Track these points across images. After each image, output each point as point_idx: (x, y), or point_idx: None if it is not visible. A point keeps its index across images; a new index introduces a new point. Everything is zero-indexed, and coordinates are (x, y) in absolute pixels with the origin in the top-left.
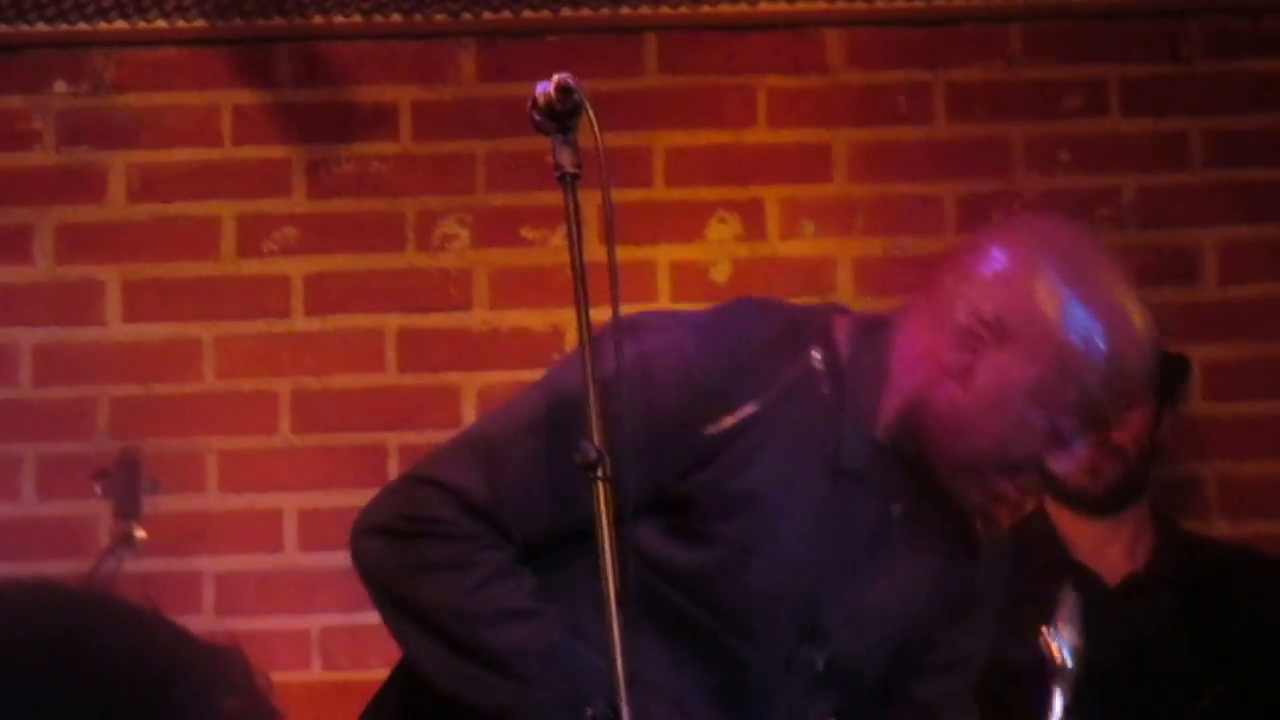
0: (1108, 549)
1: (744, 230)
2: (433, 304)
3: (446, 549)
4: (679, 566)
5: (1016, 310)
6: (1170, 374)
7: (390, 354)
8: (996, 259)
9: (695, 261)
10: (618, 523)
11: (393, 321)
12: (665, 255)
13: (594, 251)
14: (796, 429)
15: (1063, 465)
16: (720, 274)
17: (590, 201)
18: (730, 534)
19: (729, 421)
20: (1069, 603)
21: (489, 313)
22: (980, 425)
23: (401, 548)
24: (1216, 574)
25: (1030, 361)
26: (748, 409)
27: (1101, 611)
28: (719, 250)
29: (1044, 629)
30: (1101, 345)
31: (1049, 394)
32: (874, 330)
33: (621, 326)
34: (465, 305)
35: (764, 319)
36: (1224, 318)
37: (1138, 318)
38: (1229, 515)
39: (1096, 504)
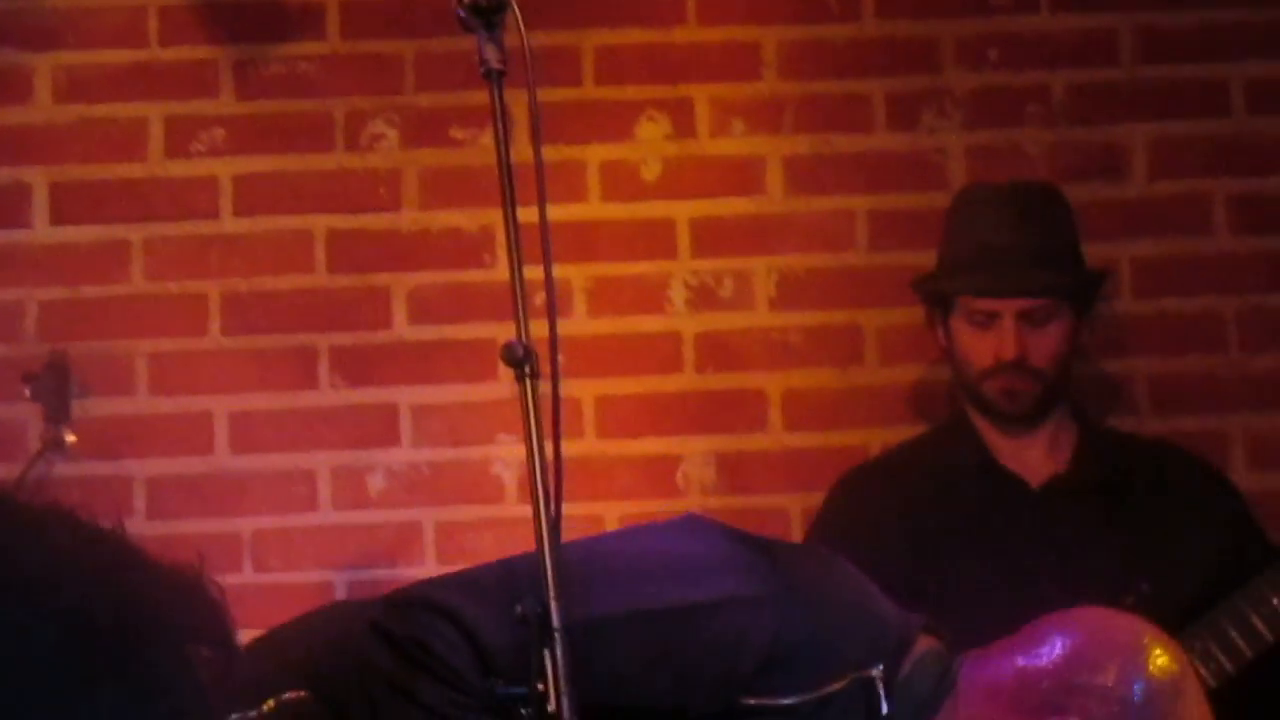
0: (1028, 453)
1: (673, 129)
2: (362, 205)
3: (436, 690)
4: None
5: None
6: (1089, 287)
7: (320, 255)
8: (1095, 665)
9: (625, 161)
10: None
11: (322, 222)
12: (595, 155)
13: (523, 151)
14: None
15: None
16: (650, 173)
17: (519, 101)
18: None
19: (769, 701)
20: None
21: (419, 213)
22: None
23: (404, 670)
24: (1140, 472)
25: None
26: (790, 698)
27: (1024, 514)
28: (648, 149)
29: None
30: None
31: None
32: (943, 662)
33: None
34: (394, 206)
35: (863, 616)
36: (1152, 214)
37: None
38: (1158, 412)
39: (1015, 419)
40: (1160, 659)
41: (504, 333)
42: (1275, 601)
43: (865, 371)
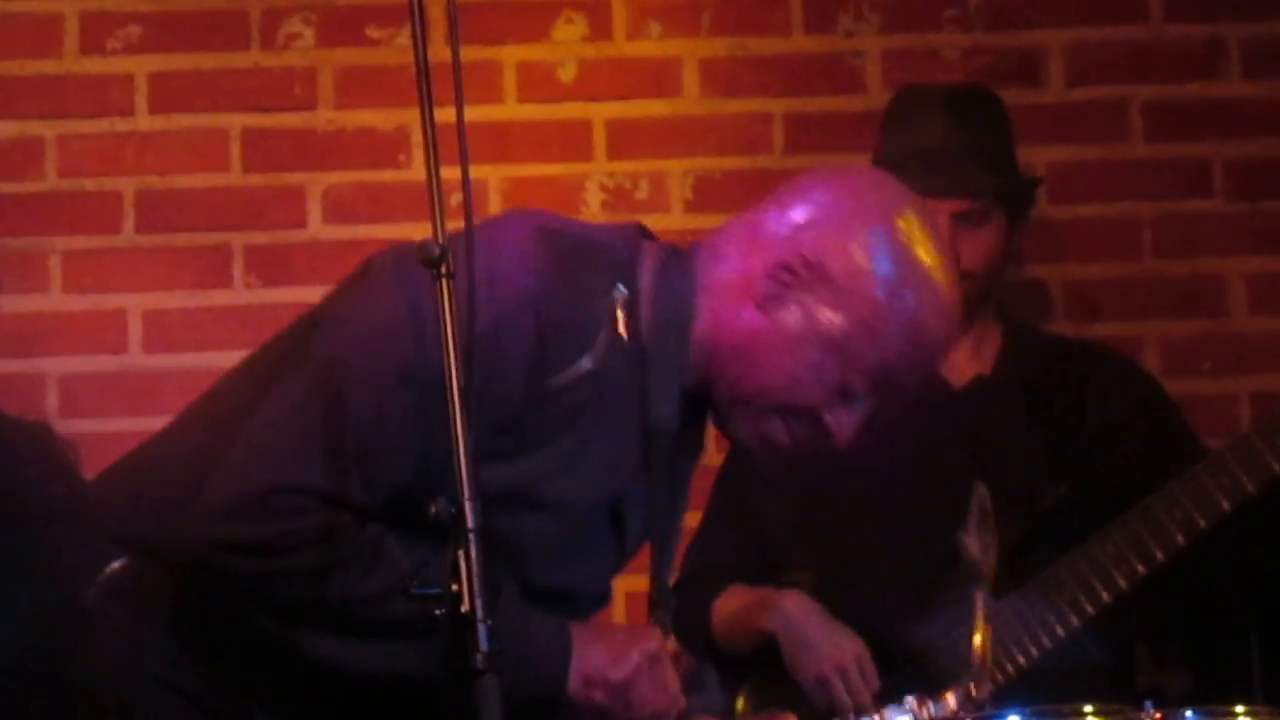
0: (954, 354)
1: (590, 30)
2: (277, 103)
3: (321, 553)
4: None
5: (840, 258)
6: (1023, 194)
7: (235, 153)
8: (827, 202)
9: (542, 62)
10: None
11: (237, 121)
12: (511, 55)
13: (439, 51)
14: (612, 380)
15: (842, 424)
16: (567, 74)
17: (436, 1)
18: (544, 498)
19: (570, 374)
20: (978, 504)
21: (334, 112)
22: (772, 360)
23: (276, 562)
24: (1064, 374)
25: (840, 311)
26: (579, 370)
27: (947, 413)
28: (565, 50)
29: (958, 534)
30: (911, 317)
31: (849, 349)
32: (679, 261)
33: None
34: (310, 105)
35: (584, 258)
36: (1069, 119)
37: (947, 291)
38: (1073, 317)
39: None
40: (902, 224)
41: (419, 233)
42: (1186, 503)
43: None
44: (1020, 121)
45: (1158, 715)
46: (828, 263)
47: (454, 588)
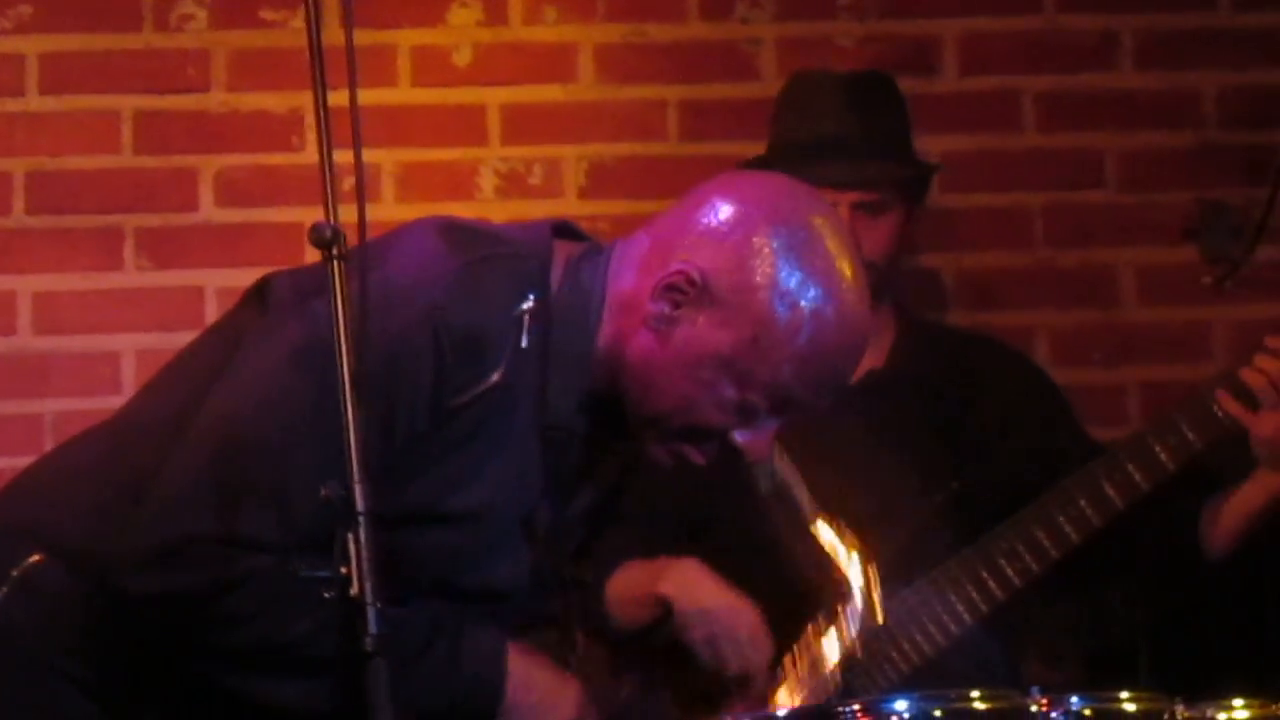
0: None
1: (485, 15)
2: (170, 85)
3: (250, 600)
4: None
5: (727, 273)
6: (920, 181)
7: (127, 135)
8: (719, 215)
9: (436, 46)
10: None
11: (129, 102)
12: (406, 39)
13: (334, 35)
14: (516, 388)
15: (751, 442)
16: (461, 59)
17: None
18: (452, 511)
19: (470, 394)
20: (767, 480)
21: (227, 95)
22: (668, 383)
23: (210, 610)
24: (957, 367)
25: (729, 330)
26: (485, 384)
27: (838, 407)
28: (460, 35)
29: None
30: (806, 334)
31: (742, 368)
32: (590, 267)
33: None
34: (203, 87)
35: (495, 266)
36: (962, 109)
37: (850, 308)
38: (965, 305)
39: None
40: (795, 217)
41: (311, 216)
42: (1082, 504)
43: None
44: (914, 110)
45: (1044, 700)
46: (716, 280)
47: (343, 571)
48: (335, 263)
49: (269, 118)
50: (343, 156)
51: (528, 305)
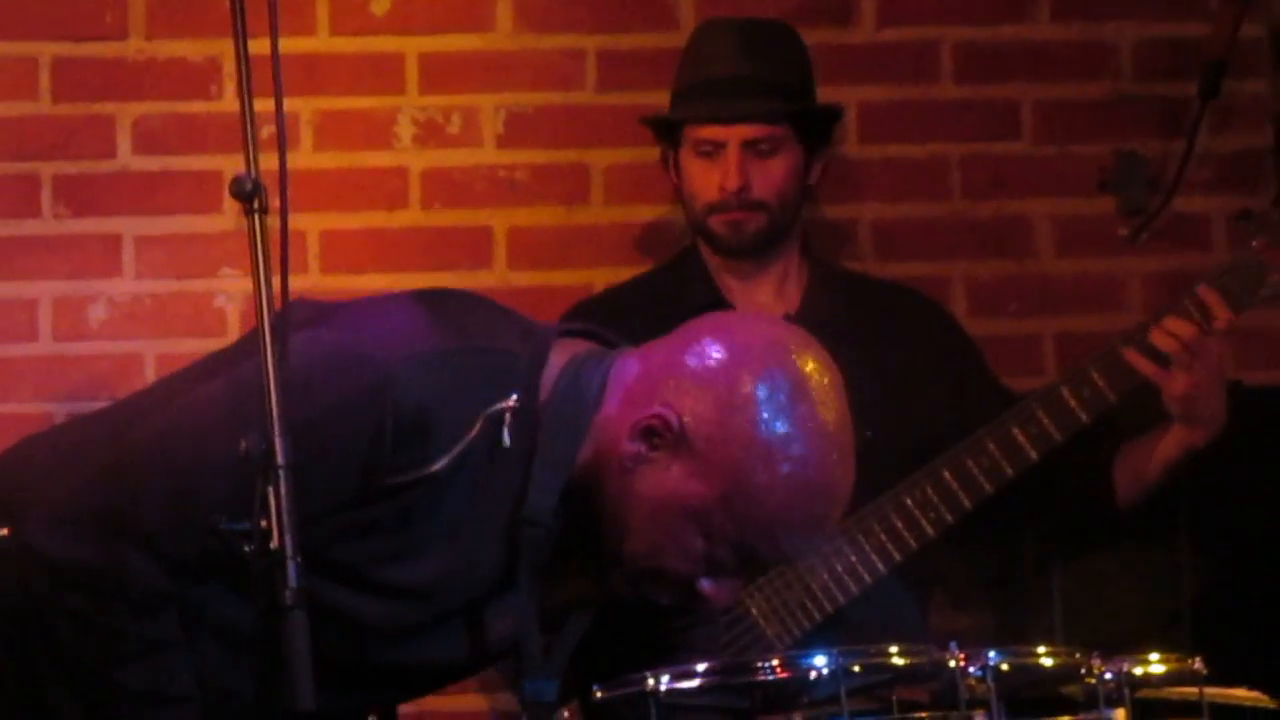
0: (757, 292)
1: None
2: (88, 32)
3: (128, 622)
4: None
5: (706, 424)
6: (820, 123)
7: (44, 82)
8: (707, 358)
9: None
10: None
11: (47, 49)
12: None
13: None
14: (480, 481)
15: (716, 593)
16: (379, 7)
17: None
18: (388, 584)
19: (416, 475)
20: None
21: (145, 42)
22: (637, 521)
23: (96, 600)
24: (870, 314)
25: (702, 482)
26: (436, 465)
27: None
28: None
29: None
30: (780, 498)
31: (709, 522)
32: (585, 376)
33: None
34: (121, 34)
35: (474, 357)
36: (879, 60)
37: (833, 474)
38: (881, 256)
39: (741, 253)
40: (782, 366)
41: (229, 164)
42: (995, 452)
43: (590, 211)
44: (831, 61)
45: (962, 655)
46: (695, 429)
47: (263, 524)
48: (256, 216)
49: (187, 65)
50: (261, 105)
51: (509, 403)
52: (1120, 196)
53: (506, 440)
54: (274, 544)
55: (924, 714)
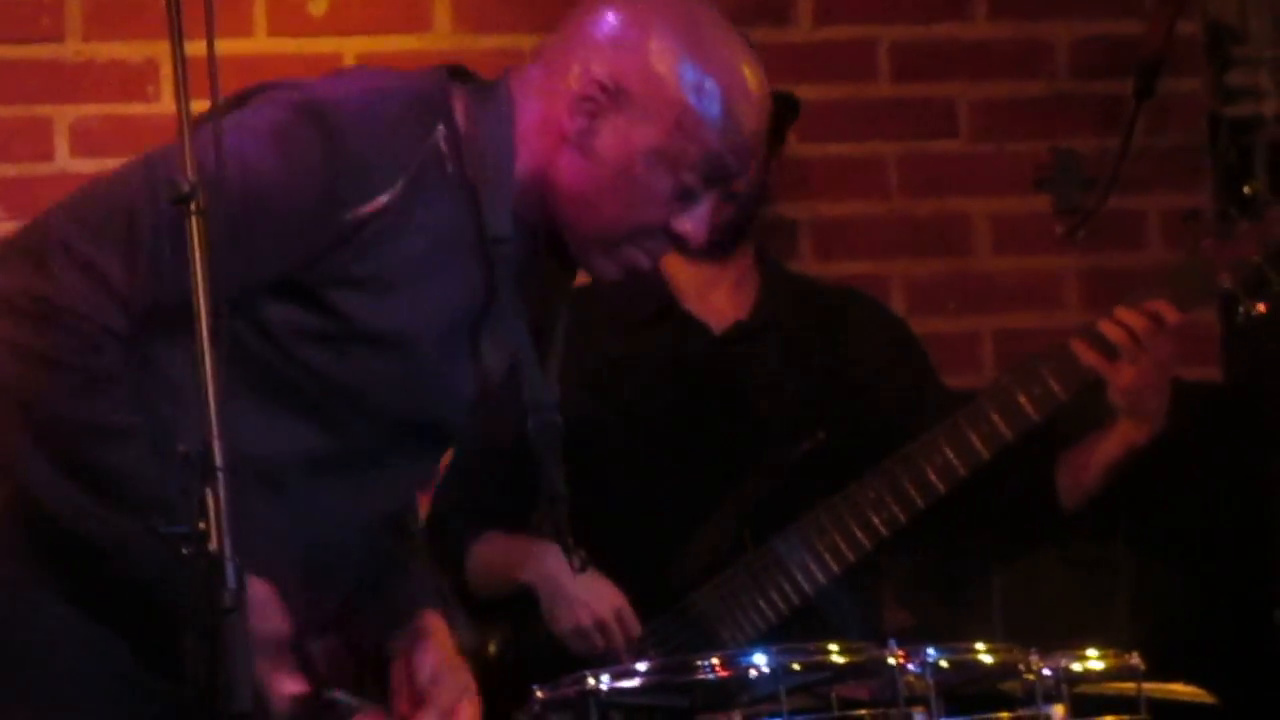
0: (713, 295)
1: None
2: (25, 34)
3: (70, 344)
4: (309, 362)
5: (633, 73)
6: (779, 115)
7: None
8: (610, 23)
9: None
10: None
11: None
12: None
13: None
14: (436, 213)
15: (692, 225)
16: (317, 8)
17: None
18: (373, 330)
19: (369, 208)
20: None
21: (82, 44)
22: (607, 192)
23: (27, 331)
24: (820, 318)
25: (650, 123)
26: (384, 196)
27: (707, 360)
28: None
29: None
30: (718, 102)
31: (671, 154)
32: (490, 100)
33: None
34: (58, 36)
35: (393, 95)
36: (817, 58)
37: (752, 74)
38: (820, 255)
39: (698, 251)
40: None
41: None
42: (948, 453)
43: None
44: (769, 60)
45: (901, 653)
46: (625, 81)
47: (201, 526)
48: (195, 219)
49: (125, 67)
50: (199, 106)
51: (439, 133)
52: (1057, 195)
53: (449, 168)
54: (212, 545)
55: (864, 711)
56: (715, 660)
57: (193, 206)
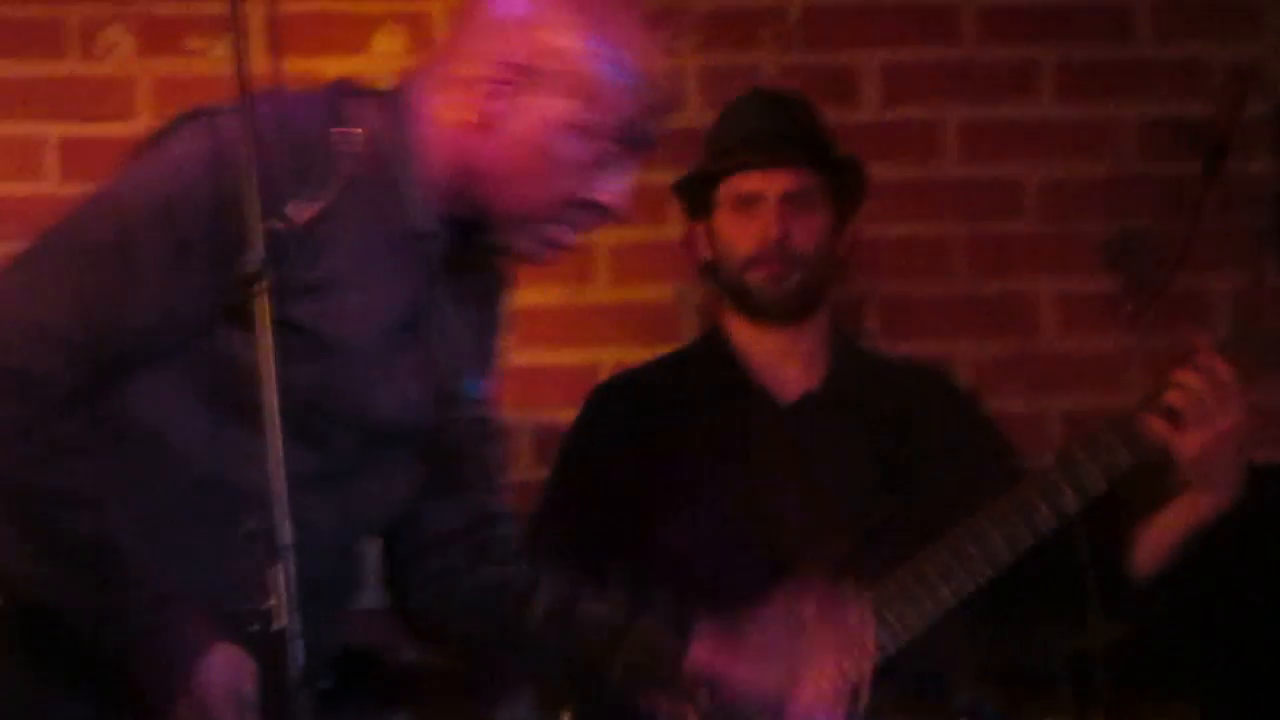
0: (785, 365)
1: (412, 42)
2: (95, 113)
3: (26, 412)
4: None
5: (537, 50)
6: (850, 182)
7: (52, 163)
8: (508, 4)
9: (362, 74)
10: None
11: (55, 130)
12: (332, 67)
13: (259, 63)
14: (363, 215)
15: (614, 192)
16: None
17: (256, 12)
18: (318, 336)
19: (300, 216)
20: None
21: (153, 123)
22: (527, 171)
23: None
24: (890, 390)
25: (560, 96)
26: (315, 203)
27: (772, 432)
28: (386, 63)
29: None
30: (623, 67)
31: (585, 124)
32: (392, 103)
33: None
34: (128, 115)
35: (297, 111)
36: (883, 138)
37: (649, 36)
38: (887, 334)
39: (778, 311)
40: None
41: None
42: (1015, 522)
43: (596, 290)
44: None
45: None
46: (530, 59)
47: (269, 604)
48: (261, 298)
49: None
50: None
51: (347, 141)
52: (1124, 274)
53: (362, 173)
54: (279, 624)
55: None
56: None
57: (260, 286)
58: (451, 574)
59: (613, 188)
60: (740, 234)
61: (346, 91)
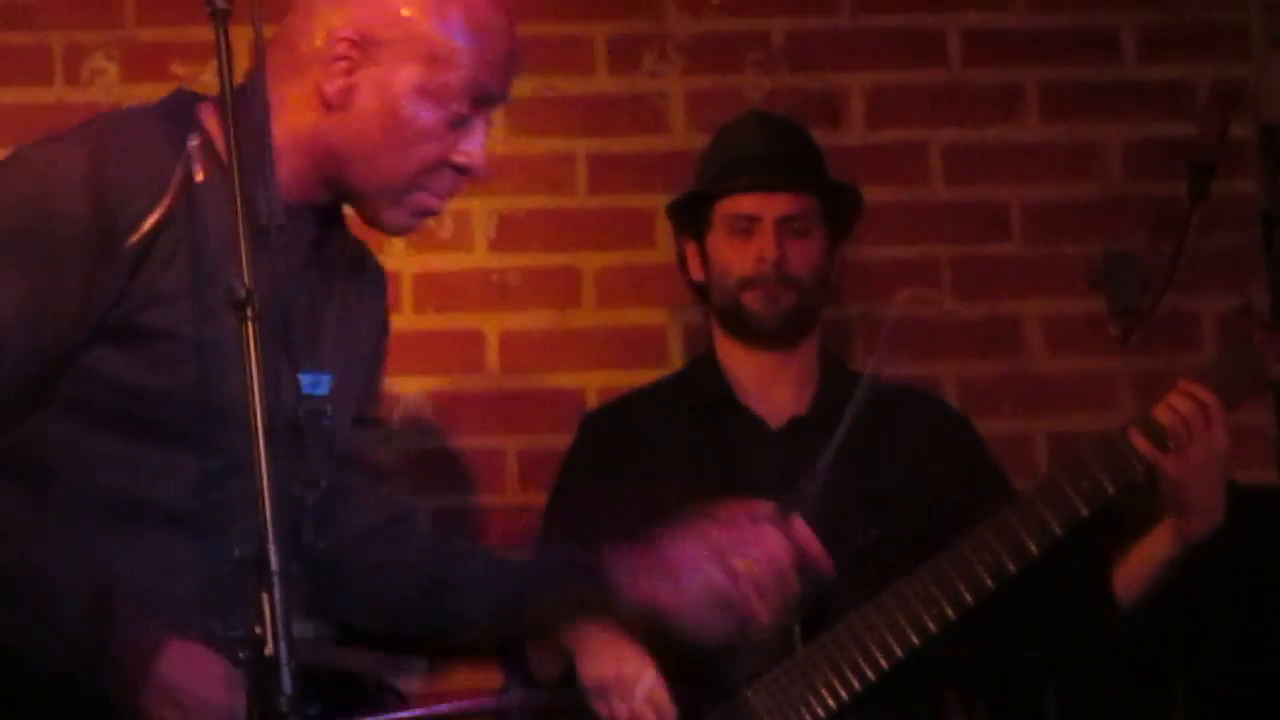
0: (775, 388)
1: None
2: None
3: None
4: (152, 390)
5: (377, 20)
6: (844, 207)
7: None
8: None
9: None
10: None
11: None
12: None
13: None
14: (214, 216)
15: (470, 152)
16: None
17: (242, 38)
18: (180, 340)
19: (144, 229)
20: None
21: None
22: (381, 143)
23: None
24: (880, 415)
25: (406, 64)
26: (155, 215)
27: (761, 454)
28: None
29: None
30: (466, 26)
31: (434, 88)
32: (240, 102)
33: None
34: None
35: (140, 121)
36: (869, 161)
37: None
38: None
39: (773, 333)
40: None
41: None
42: (998, 548)
43: (583, 314)
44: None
45: None
46: (371, 30)
47: (257, 630)
48: (250, 324)
49: None
50: None
51: (191, 144)
52: (1110, 296)
53: (199, 176)
54: (269, 650)
55: None
56: None
57: (248, 314)
58: (374, 568)
59: (470, 148)
60: (736, 255)
61: (185, 99)
